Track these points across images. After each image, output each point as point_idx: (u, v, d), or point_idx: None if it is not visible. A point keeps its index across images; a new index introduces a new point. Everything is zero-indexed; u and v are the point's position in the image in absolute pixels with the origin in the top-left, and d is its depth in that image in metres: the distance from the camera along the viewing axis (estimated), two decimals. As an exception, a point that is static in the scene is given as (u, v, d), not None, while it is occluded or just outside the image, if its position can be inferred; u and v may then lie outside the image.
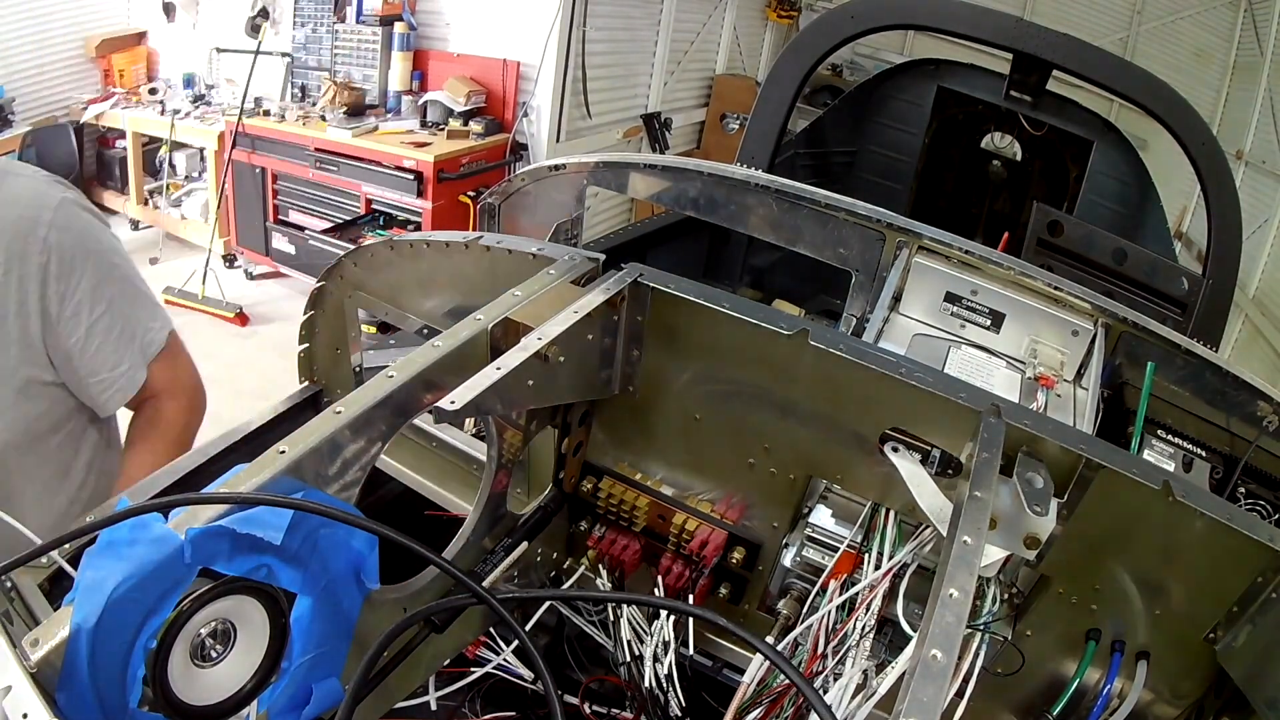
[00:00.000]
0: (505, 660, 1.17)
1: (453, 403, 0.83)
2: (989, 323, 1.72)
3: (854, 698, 0.93)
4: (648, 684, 1.12)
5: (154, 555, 0.67)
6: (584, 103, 6.19)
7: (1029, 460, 0.93)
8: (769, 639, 1.07)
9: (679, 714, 1.13)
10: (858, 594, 1.00)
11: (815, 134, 4.05)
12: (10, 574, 0.83)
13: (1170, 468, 1.58)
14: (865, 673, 0.96)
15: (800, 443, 1.09)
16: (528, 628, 1.17)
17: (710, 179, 1.95)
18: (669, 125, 7.23)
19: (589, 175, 2.07)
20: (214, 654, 0.76)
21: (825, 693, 0.95)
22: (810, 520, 1.13)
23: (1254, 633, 0.93)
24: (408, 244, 1.19)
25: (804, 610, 1.09)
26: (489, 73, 5.70)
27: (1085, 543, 0.97)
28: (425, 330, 1.27)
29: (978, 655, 0.90)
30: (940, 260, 1.74)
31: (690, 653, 1.16)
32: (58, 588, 0.87)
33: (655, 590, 1.20)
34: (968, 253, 1.72)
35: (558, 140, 5.93)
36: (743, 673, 1.01)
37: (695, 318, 1.08)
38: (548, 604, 1.25)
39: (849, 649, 0.97)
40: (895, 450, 0.99)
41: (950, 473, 0.97)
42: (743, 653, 1.21)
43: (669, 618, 1.14)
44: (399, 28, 5.67)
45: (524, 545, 1.13)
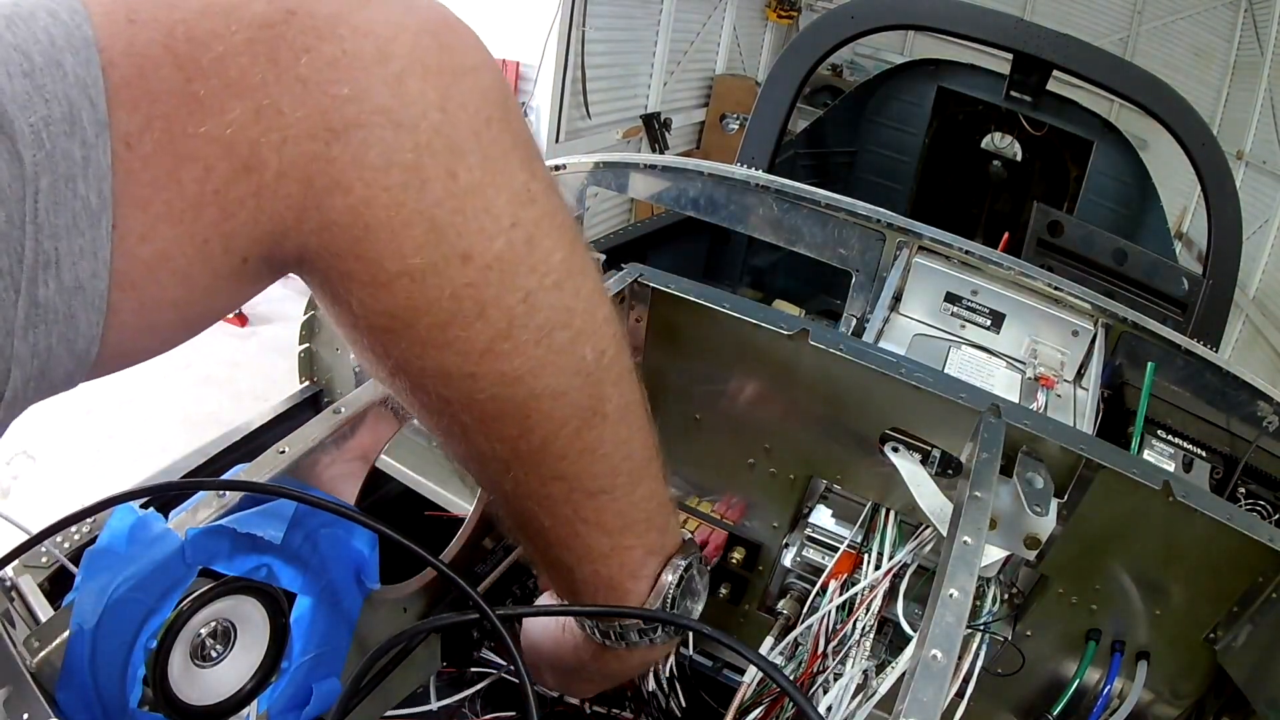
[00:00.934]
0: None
1: (453, 403, 0.83)
2: (989, 323, 1.72)
3: (854, 698, 0.94)
4: (649, 685, 1.12)
5: (155, 555, 0.67)
6: (583, 103, 6.19)
7: (1029, 460, 0.93)
8: (769, 639, 1.07)
9: (679, 714, 1.13)
10: (858, 594, 1.00)
11: (815, 134, 4.05)
12: (11, 574, 0.83)
13: (1170, 468, 1.58)
14: (865, 673, 0.96)
15: (800, 443, 1.09)
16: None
17: (710, 179, 1.95)
18: (669, 125, 7.24)
19: (589, 175, 2.07)
20: (214, 654, 0.76)
21: (826, 693, 0.95)
22: (810, 520, 1.13)
23: (1254, 633, 0.93)
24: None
25: (804, 610, 1.09)
26: (489, 73, 5.70)
27: (1085, 543, 0.97)
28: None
29: (978, 655, 0.90)
30: (940, 260, 1.74)
31: (690, 653, 1.16)
32: (58, 588, 0.87)
33: (655, 590, 1.20)
34: (968, 253, 1.72)
35: (557, 140, 5.94)
36: (743, 673, 1.01)
37: (695, 317, 1.08)
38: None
39: (849, 649, 0.97)
40: (895, 450, 0.99)
41: (950, 473, 0.97)
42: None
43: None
44: (399, 28, 5.69)
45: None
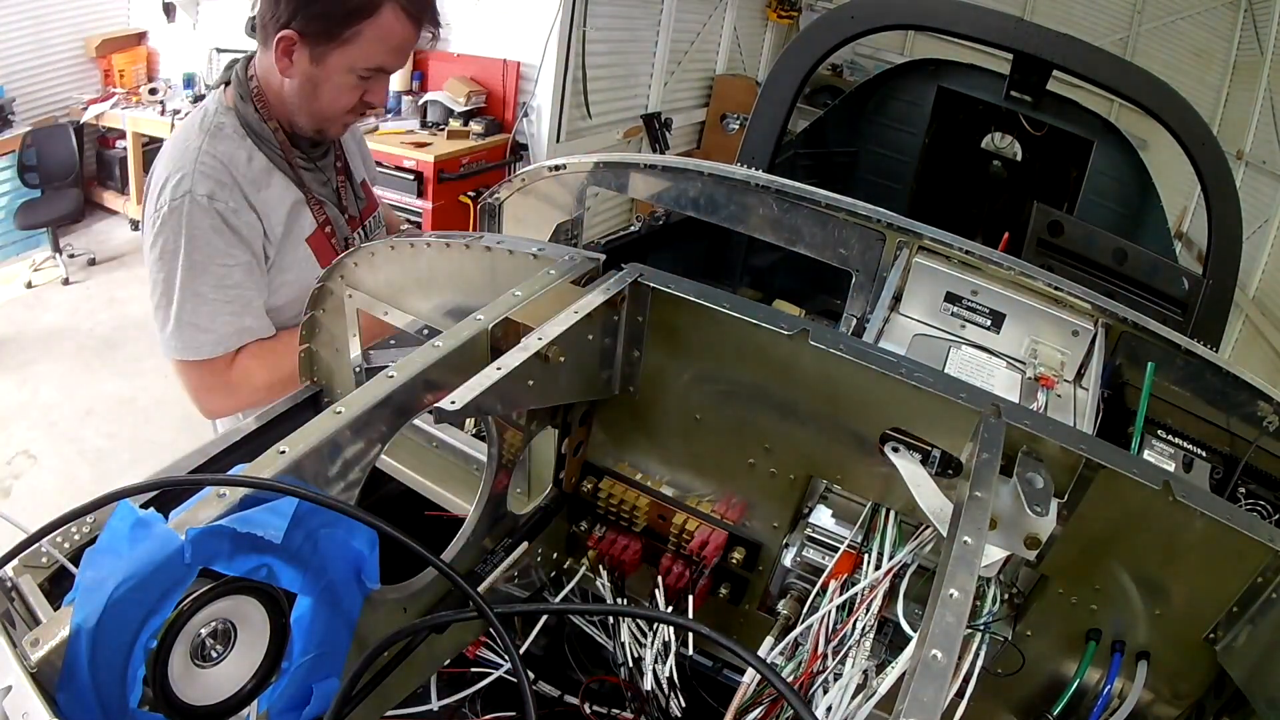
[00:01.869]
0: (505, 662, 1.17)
1: (453, 403, 0.83)
2: (989, 323, 1.72)
3: (854, 698, 0.94)
4: (648, 685, 1.12)
5: (154, 555, 0.67)
6: (584, 103, 6.19)
7: (1029, 460, 0.93)
8: (769, 639, 1.07)
9: (679, 714, 1.13)
10: (858, 594, 1.00)
11: (815, 134, 4.05)
12: (11, 574, 0.83)
13: (1170, 468, 1.58)
14: (865, 673, 0.96)
15: (800, 443, 1.09)
16: (535, 632, 1.18)
17: (710, 179, 1.95)
18: (669, 125, 7.23)
19: (589, 175, 2.07)
20: (214, 654, 0.76)
21: (826, 692, 0.95)
22: (810, 520, 1.13)
23: (1254, 633, 0.93)
24: (408, 244, 1.19)
25: (804, 610, 1.09)
26: (489, 73, 5.70)
27: (1085, 543, 0.97)
28: (425, 330, 1.27)
29: (978, 655, 0.90)
30: (940, 260, 1.74)
31: (690, 653, 1.16)
32: (58, 587, 0.87)
33: (656, 591, 1.20)
34: (968, 253, 1.72)
35: (558, 140, 5.94)
36: (743, 673, 1.01)
37: (695, 318, 1.08)
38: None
39: (849, 649, 0.97)
40: (895, 450, 0.99)
41: (950, 473, 0.97)
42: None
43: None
44: (399, 28, 5.68)
45: (524, 545, 1.13)
